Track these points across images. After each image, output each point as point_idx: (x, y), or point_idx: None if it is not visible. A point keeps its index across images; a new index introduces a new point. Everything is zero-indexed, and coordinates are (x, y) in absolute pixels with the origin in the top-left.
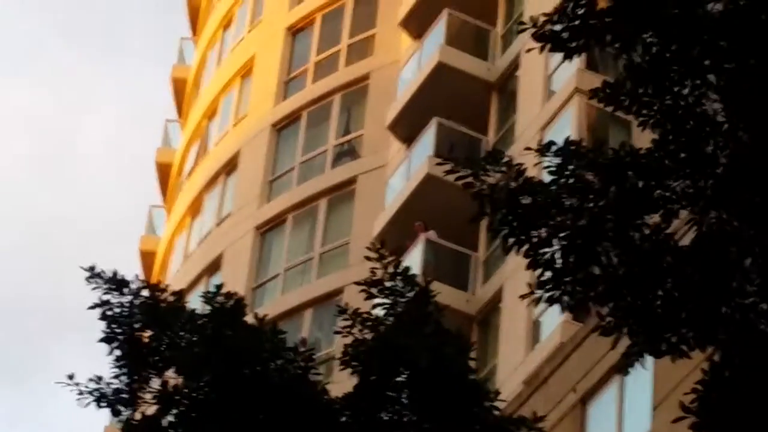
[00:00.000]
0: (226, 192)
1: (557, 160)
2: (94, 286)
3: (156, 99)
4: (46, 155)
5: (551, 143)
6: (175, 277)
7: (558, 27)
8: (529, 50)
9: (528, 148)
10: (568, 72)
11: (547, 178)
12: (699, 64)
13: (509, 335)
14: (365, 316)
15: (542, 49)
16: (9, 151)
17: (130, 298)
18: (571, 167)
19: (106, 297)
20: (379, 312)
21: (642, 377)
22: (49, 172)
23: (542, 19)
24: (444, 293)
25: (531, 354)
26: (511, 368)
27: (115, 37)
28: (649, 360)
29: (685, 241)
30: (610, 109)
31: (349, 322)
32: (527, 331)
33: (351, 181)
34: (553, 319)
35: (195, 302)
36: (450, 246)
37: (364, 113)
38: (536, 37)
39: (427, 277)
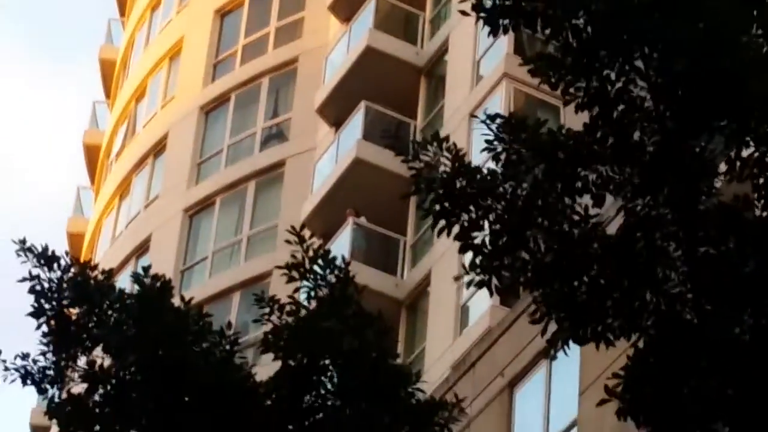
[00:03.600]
0: (154, 174)
1: (491, 134)
2: (23, 260)
3: (84, 80)
4: None
5: (497, 115)
6: (103, 259)
7: (489, 2)
8: (461, 12)
9: (473, 116)
10: (497, 57)
11: (479, 149)
12: (627, 49)
13: (437, 320)
14: (283, 302)
15: (477, 20)
16: None
17: (59, 273)
18: (507, 138)
19: (35, 272)
20: (302, 296)
21: (569, 363)
22: None
23: None
24: (372, 278)
25: (459, 339)
26: (439, 353)
27: (44, 16)
28: (575, 345)
29: (612, 228)
30: (537, 83)
31: (266, 310)
32: (455, 315)
33: (279, 164)
34: (482, 304)
35: (124, 284)
36: (378, 230)
37: (292, 96)
38: (472, 6)
39: (356, 261)
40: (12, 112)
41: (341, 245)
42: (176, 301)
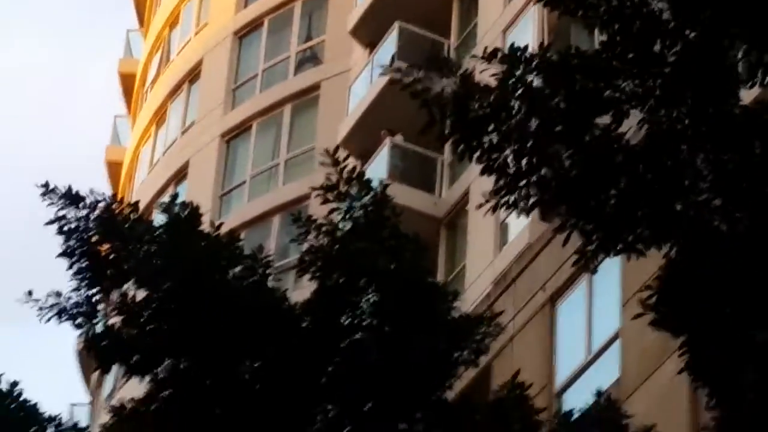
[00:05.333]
0: (190, 100)
1: (503, 68)
2: (49, 202)
3: (118, 10)
4: (9, 68)
5: (497, 50)
6: (141, 187)
7: None
8: None
9: (474, 56)
10: None
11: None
12: None
13: (477, 237)
14: (320, 222)
15: None
16: None
17: (86, 212)
18: (517, 73)
19: (62, 212)
20: (336, 217)
21: (610, 276)
22: (11, 86)
23: None
24: (411, 197)
25: (499, 255)
26: (479, 270)
27: None
28: (616, 258)
29: (636, 140)
30: (558, 12)
31: (303, 230)
32: (495, 232)
33: (314, 88)
34: (521, 220)
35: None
36: (415, 149)
37: (325, 19)
38: None
39: (394, 181)
40: (47, 43)
41: (379, 166)
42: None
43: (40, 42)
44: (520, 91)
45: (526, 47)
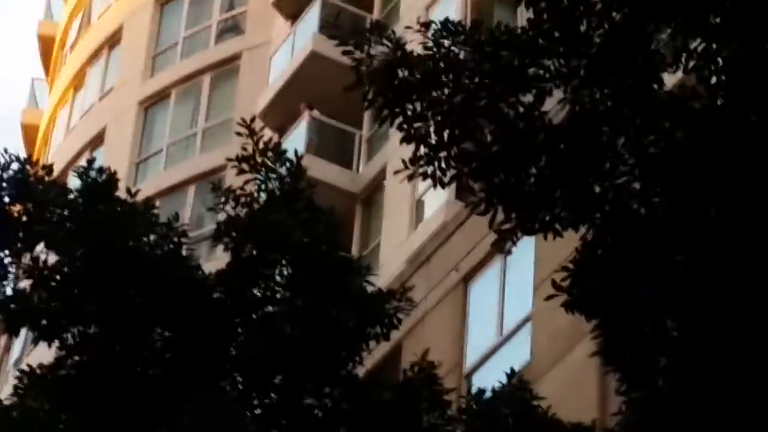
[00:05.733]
0: (109, 66)
1: (432, 39)
2: None
3: None
4: None
5: (431, 22)
6: (57, 151)
7: None
8: None
9: (408, 27)
10: None
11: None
12: None
13: (393, 214)
14: (239, 193)
15: None
16: None
17: None
18: (447, 43)
19: None
20: (252, 188)
21: (524, 258)
22: None
23: None
24: (328, 172)
25: (414, 233)
26: (394, 247)
27: None
28: (530, 241)
29: (559, 120)
30: None
31: (222, 199)
32: (410, 209)
33: (235, 57)
34: (437, 199)
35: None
36: (334, 124)
37: None
38: None
39: (311, 155)
40: None
41: (296, 139)
42: (124, 195)
43: None
44: (448, 61)
45: (459, 21)
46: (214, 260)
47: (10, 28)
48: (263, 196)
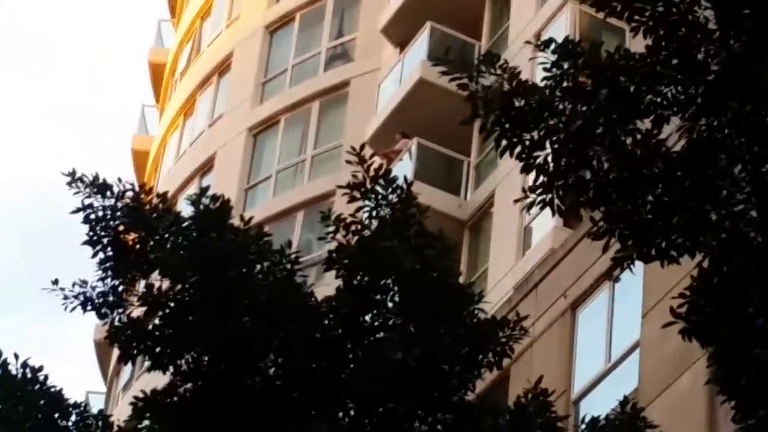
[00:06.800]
0: (219, 93)
1: (553, 57)
2: (75, 191)
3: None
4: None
5: (551, 40)
6: (167, 176)
7: None
8: None
9: (528, 42)
10: None
11: (540, 77)
12: None
13: (500, 240)
14: (349, 221)
15: None
16: None
17: (113, 201)
18: (565, 65)
19: (88, 201)
20: (363, 215)
21: (632, 285)
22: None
23: None
24: (436, 198)
25: (522, 260)
26: (501, 274)
27: None
28: (639, 268)
29: (676, 148)
30: (602, 15)
31: (332, 228)
32: (518, 236)
33: (344, 84)
34: (545, 225)
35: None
36: (442, 151)
37: (357, 16)
38: None
39: (419, 181)
40: (78, 29)
41: (405, 166)
42: (236, 221)
43: (72, 28)
44: (565, 88)
45: (579, 41)
46: (323, 285)
47: (122, 55)
48: (373, 222)
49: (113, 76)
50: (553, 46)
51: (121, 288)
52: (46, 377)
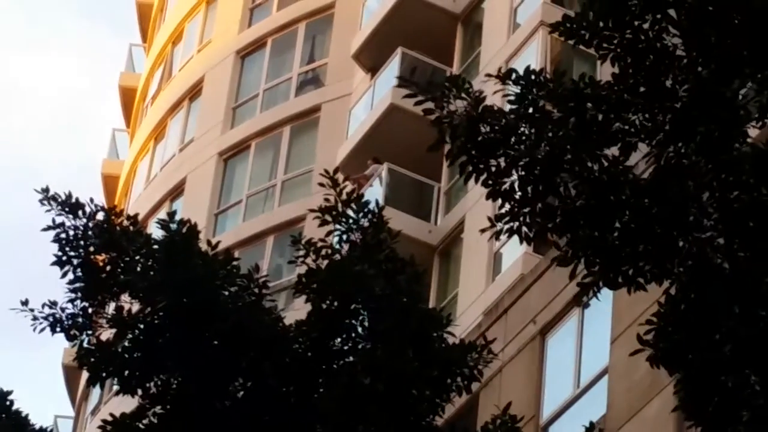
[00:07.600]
0: (189, 117)
1: (517, 89)
2: (47, 208)
3: (121, 24)
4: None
5: (512, 71)
6: (137, 201)
7: None
8: None
9: (489, 75)
10: (534, 5)
11: (507, 107)
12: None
13: (470, 266)
14: (319, 245)
15: None
16: None
17: (84, 221)
18: (531, 96)
19: (60, 219)
20: (334, 239)
21: (601, 311)
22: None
23: None
24: (406, 223)
25: (491, 285)
26: (471, 299)
27: None
28: (608, 294)
29: (644, 175)
30: (572, 42)
31: (302, 252)
32: (488, 262)
33: (315, 110)
34: (514, 251)
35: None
36: (412, 176)
37: (329, 42)
38: None
39: (389, 206)
40: (48, 52)
41: (375, 191)
42: (204, 246)
43: (41, 53)
44: (531, 116)
45: (542, 70)
46: (293, 311)
47: (92, 80)
48: (344, 247)
49: (84, 101)
50: (514, 77)
51: (90, 310)
52: (11, 402)
